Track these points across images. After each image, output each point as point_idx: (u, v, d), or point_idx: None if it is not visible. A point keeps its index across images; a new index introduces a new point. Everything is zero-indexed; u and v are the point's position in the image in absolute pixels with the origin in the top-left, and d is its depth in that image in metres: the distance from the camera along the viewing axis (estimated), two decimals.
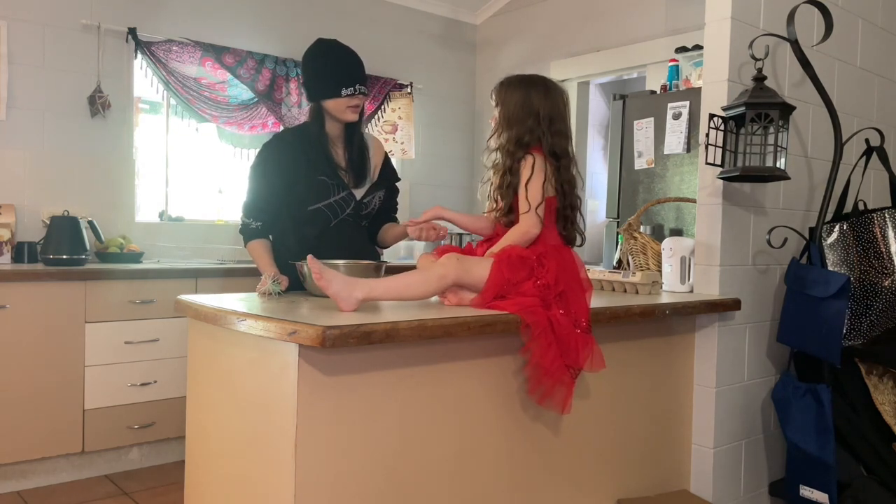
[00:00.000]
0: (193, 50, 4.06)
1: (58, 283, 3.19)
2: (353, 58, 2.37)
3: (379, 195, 2.47)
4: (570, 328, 1.83)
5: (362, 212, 2.41)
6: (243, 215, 2.38)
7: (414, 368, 1.71)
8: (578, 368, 1.84)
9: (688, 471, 2.44)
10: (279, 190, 2.33)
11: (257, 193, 2.35)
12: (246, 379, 1.71)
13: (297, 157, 2.33)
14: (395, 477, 1.69)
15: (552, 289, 1.85)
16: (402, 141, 4.93)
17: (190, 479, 1.96)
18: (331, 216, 2.34)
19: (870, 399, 2.48)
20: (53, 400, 3.18)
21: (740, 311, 2.43)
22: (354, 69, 2.34)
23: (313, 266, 1.72)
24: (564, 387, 1.83)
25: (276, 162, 2.33)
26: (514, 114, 2.00)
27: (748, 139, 2.28)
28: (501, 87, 2.07)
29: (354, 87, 2.31)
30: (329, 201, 2.32)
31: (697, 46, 3.63)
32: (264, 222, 2.36)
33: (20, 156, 3.62)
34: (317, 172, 2.32)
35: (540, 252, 1.90)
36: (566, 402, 1.85)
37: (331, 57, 2.35)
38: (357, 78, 2.33)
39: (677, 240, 2.53)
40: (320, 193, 2.31)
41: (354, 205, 2.37)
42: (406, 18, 5.02)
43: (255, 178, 2.37)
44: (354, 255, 2.26)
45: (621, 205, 3.80)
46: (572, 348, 1.82)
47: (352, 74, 2.32)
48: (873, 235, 2.44)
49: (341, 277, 1.74)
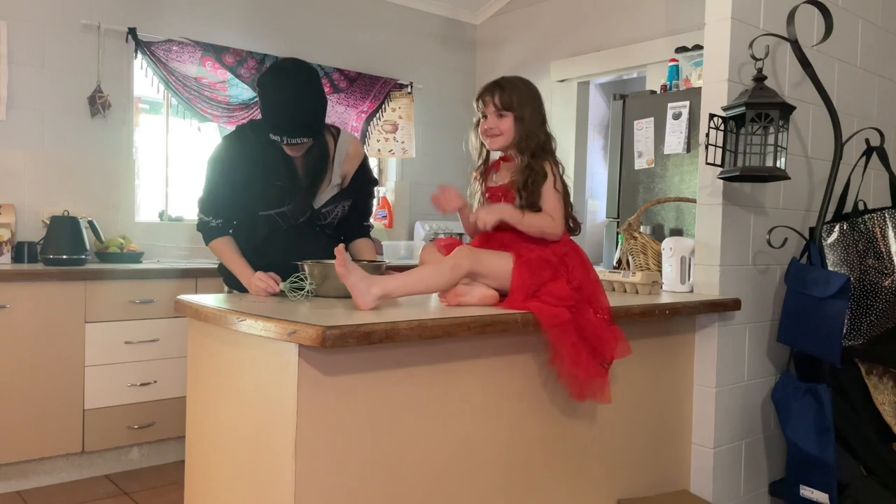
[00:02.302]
0: (193, 50, 4.06)
1: (58, 283, 3.19)
2: (296, 102, 2.08)
3: (343, 205, 2.33)
4: (601, 325, 1.88)
5: (321, 221, 2.29)
6: (201, 212, 2.26)
7: (414, 368, 1.71)
8: (610, 360, 1.89)
9: (688, 471, 2.44)
10: (238, 187, 2.22)
11: (216, 189, 2.24)
12: (246, 379, 1.71)
13: (256, 156, 2.21)
14: (394, 477, 1.69)
15: (584, 290, 1.89)
16: (403, 140, 4.94)
17: (190, 479, 1.96)
18: (282, 224, 2.24)
19: (870, 399, 2.48)
20: (53, 400, 3.18)
21: (740, 311, 2.43)
22: (291, 117, 2.08)
23: (339, 256, 1.73)
24: (600, 378, 1.88)
25: (237, 160, 2.22)
26: (530, 118, 1.98)
27: (748, 139, 2.27)
28: (513, 91, 2.01)
29: (281, 137, 2.09)
30: (282, 210, 2.22)
31: (697, 46, 3.62)
32: (225, 219, 2.26)
33: (20, 156, 3.61)
34: (273, 177, 2.20)
35: (563, 252, 1.93)
36: (605, 393, 1.90)
37: (270, 94, 2.11)
38: (288, 129, 2.08)
39: (677, 240, 2.53)
40: (274, 200, 2.21)
41: (311, 214, 2.26)
42: (406, 18, 5.02)
43: (214, 172, 2.25)
44: (304, 259, 2.08)
45: (621, 205, 3.80)
46: (603, 344, 1.87)
47: (284, 123, 2.08)
48: (873, 235, 2.44)
49: (360, 272, 1.75)
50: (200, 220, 2.28)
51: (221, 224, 2.26)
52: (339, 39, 4.71)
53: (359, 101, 4.75)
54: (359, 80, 4.74)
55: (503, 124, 1.98)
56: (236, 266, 2.21)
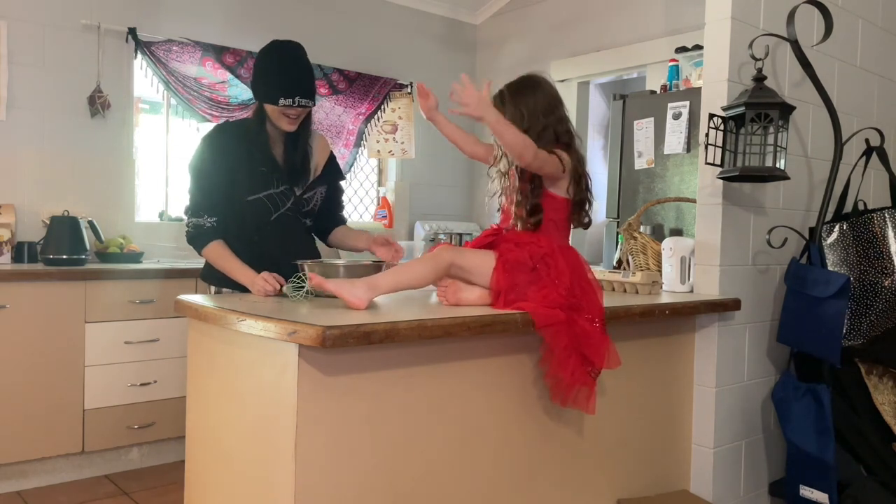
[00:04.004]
0: (193, 50, 4.06)
1: (58, 283, 3.19)
2: (300, 68, 2.23)
3: (320, 191, 2.40)
4: (589, 330, 1.84)
5: (303, 208, 2.34)
6: (192, 215, 2.25)
7: (414, 368, 1.71)
8: (599, 369, 1.86)
9: (688, 471, 2.44)
10: (224, 183, 2.23)
11: (205, 189, 2.24)
12: (246, 379, 1.71)
13: (237, 149, 2.25)
14: (394, 477, 1.69)
15: (573, 292, 1.86)
16: (402, 141, 4.94)
17: (190, 479, 1.96)
18: (271, 208, 2.26)
19: (870, 399, 2.48)
20: (53, 400, 3.18)
21: (740, 311, 2.43)
22: (298, 80, 2.20)
23: (314, 279, 1.79)
24: (587, 388, 1.86)
25: (220, 152, 2.25)
26: (515, 113, 1.98)
27: (748, 139, 2.27)
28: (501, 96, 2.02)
29: (293, 98, 2.18)
30: (269, 192, 2.25)
31: (697, 46, 3.63)
32: (218, 218, 2.24)
33: (20, 156, 3.61)
34: (257, 164, 2.25)
35: (543, 253, 1.90)
36: (590, 403, 1.87)
37: (276, 62, 2.23)
38: (297, 90, 2.18)
39: (677, 240, 2.53)
40: (259, 184, 2.24)
41: (294, 200, 2.31)
42: (406, 18, 5.02)
43: (199, 173, 2.26)
44: (295, 250, 2.21)
45: (621, 205, 3.80)
46: (592, 351, 1.84)
47: (293, 85, 2.18)
48: (873, 235, 2.44)
49: (341, 280, 1.79)
50: (193, 226, 2.25)
51: (216, 223, 2.24)
52: (339, 39, 4.71)
53: (358, 101, 4.75)
54: (358, 81, 4.74)
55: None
56: (235, 267, 2.19)
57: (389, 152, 4.91)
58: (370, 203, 5.13)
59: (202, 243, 2.24)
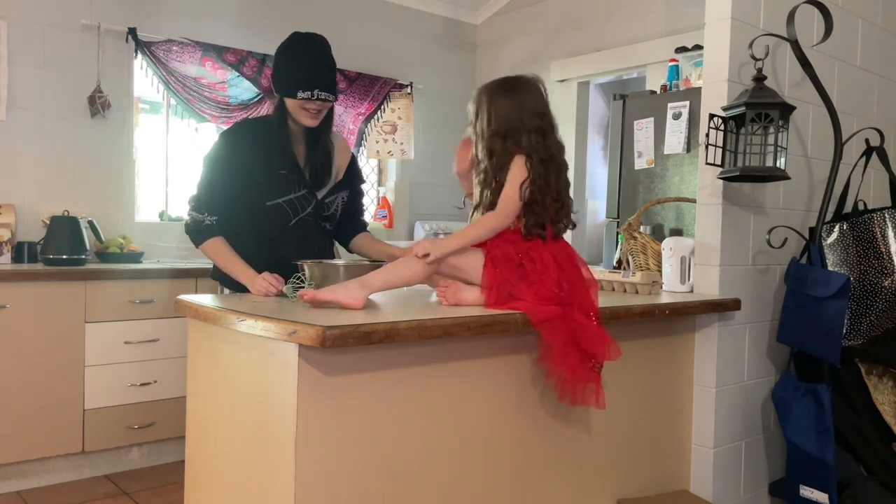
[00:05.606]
0: (193, 50, 4.06)
1: (58, 283, 3.19)
2: (321, 61, 2.18)
3: (342, 196, 2.35)
4: (585, 324, 1.83)
5: (324, 213, 2.30)
6: (193, 210, 2.20)
7: (414, 368, 1.71)
8: (601, 362, 1.85)
9: (688, 471, 2.44)
10: (238, 182, 2.18)
11: (215, 186, 2.19)
12: (246, 379, 1.71)
13: (258, 149, 2.20)
14: (394, 477, 1.69)
15: (562, 286, 1.84)
16: (402, 141, 4.93)
17: (190, 479, 1.96)
18: (290, 213, 2.21)
19: (870, 399, 2.48)
20: (53, 400, 3.18)
21: (740, 311, 2.43)
22: (317, 72, 2.15)
23: (306, 296, 1.76)
24: (593, 383, 1.84)
25: (237, 152, 2.19)
26: (500, 119, 1.95)
27: (748, 139, 2.27)
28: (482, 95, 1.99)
29: (312, 91, 2.13)
30: (289, 197, 2.20)
31: (697, 46, 3.62)
32: (220, 217, 2.19)
33: (20, 156, 3.61)
34: (277, 166, 2.20)
35: (528, 247, 1.88)
36: (598, 398, 1.85)
37: (298, 54, 2.18)
38: (317, 83, 2.13)
39: (677, 240, 2.53)
40: (280, 188, 2.19)
41: (315, 204, 2.26)
42: (406, 18, 5.02)
43: (212, 168, 2.20)
44: (313, 256, 2.13)
45: (621, 205, 3.80)
46: (591, 345, 1.82)
47: (312, 78, 2.14)
48: (873, 235, 2.44)
49: (333, 286, 1.79)
50: (192, 220, 2.21)
51: (215, 223, 2.20)
52: (339, 39, 4.66)
53: (358, 101, 4.75)
54: (358, 81, 4.74)
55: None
56: (235, 266, 2.16)
57: (388, 153, 4.91)
58: (370, 203, 5.13)
59: (200, 239, 2.22)
